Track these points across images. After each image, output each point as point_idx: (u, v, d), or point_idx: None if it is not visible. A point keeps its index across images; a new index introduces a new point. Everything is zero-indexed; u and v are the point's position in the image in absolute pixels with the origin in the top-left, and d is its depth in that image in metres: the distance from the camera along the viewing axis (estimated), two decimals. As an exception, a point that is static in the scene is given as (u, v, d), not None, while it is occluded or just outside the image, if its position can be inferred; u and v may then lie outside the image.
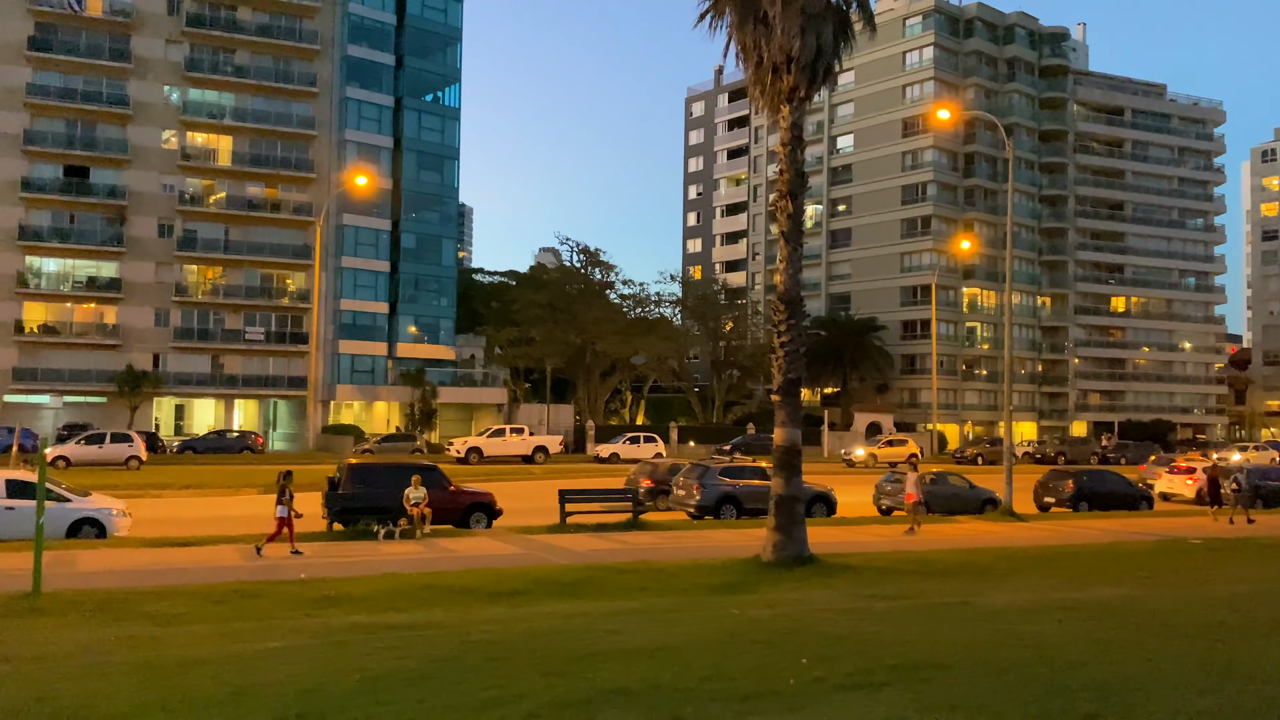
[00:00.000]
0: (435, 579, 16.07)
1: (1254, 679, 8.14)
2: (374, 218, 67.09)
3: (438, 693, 7.82)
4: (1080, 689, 7.67)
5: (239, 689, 8.11)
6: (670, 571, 17.12)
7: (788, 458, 17.93)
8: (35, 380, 59.68)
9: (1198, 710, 7.02)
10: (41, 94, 60.43)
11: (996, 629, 10.95)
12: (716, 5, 18.48)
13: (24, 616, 12.86)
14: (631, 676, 8.21)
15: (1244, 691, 7.64)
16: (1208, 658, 9.04)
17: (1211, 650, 9.49)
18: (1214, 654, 9.25)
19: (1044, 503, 33.99)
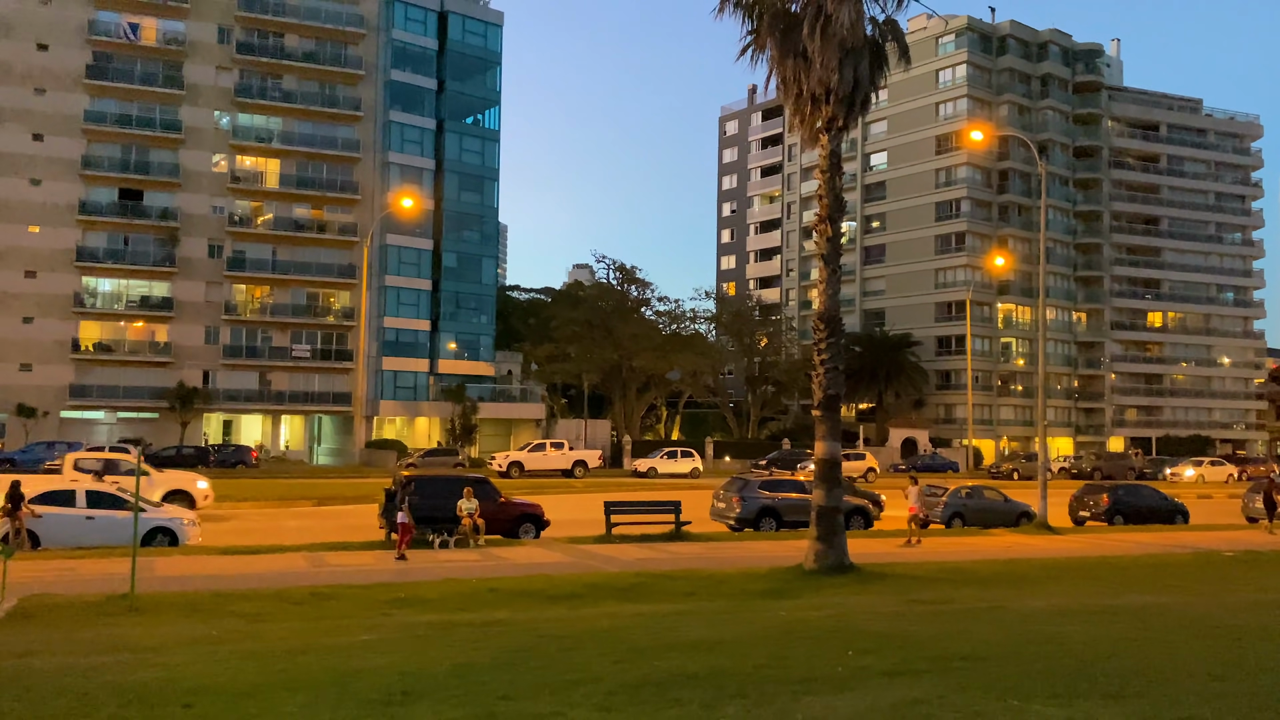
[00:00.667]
0: (496, 584, 17.05)
1: (1261, 670, 8.90)
2: (416, 237, 68.66)
3: (524, 675, 8.77)
4: (1102, 675, 8.48)
5: (344, 672, 9.11)
6: (717, 579, 17.98)
7: (828, 470, 18.76)
8: (90, 397, 61.60)
9: (1207, 693, 7.81)
10: (98, 120, 62.59)
11: (1028, 629, 11.73)
12: (757, 40, 19.45)
13: (125, 615, 13.96)
14: (695, 664, 9.11)
15: (1249, 679, 8.41)
16: (1223, 654, 9.79)
17: (1227, 648, 10.23)
18: (1229, 651, 10.00)
19: (1079, 517, 34.44)
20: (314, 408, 67.14)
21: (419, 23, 69.66)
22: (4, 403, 59.67)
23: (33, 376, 60.88)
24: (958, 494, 32.18)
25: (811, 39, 18.08)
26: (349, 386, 66.61)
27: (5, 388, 59.92)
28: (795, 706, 7.35)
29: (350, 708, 7.64)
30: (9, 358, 60.62)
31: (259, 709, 7.68)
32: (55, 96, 62.15)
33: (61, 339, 61.73)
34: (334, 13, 67.65)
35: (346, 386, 66.79)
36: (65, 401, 61.13)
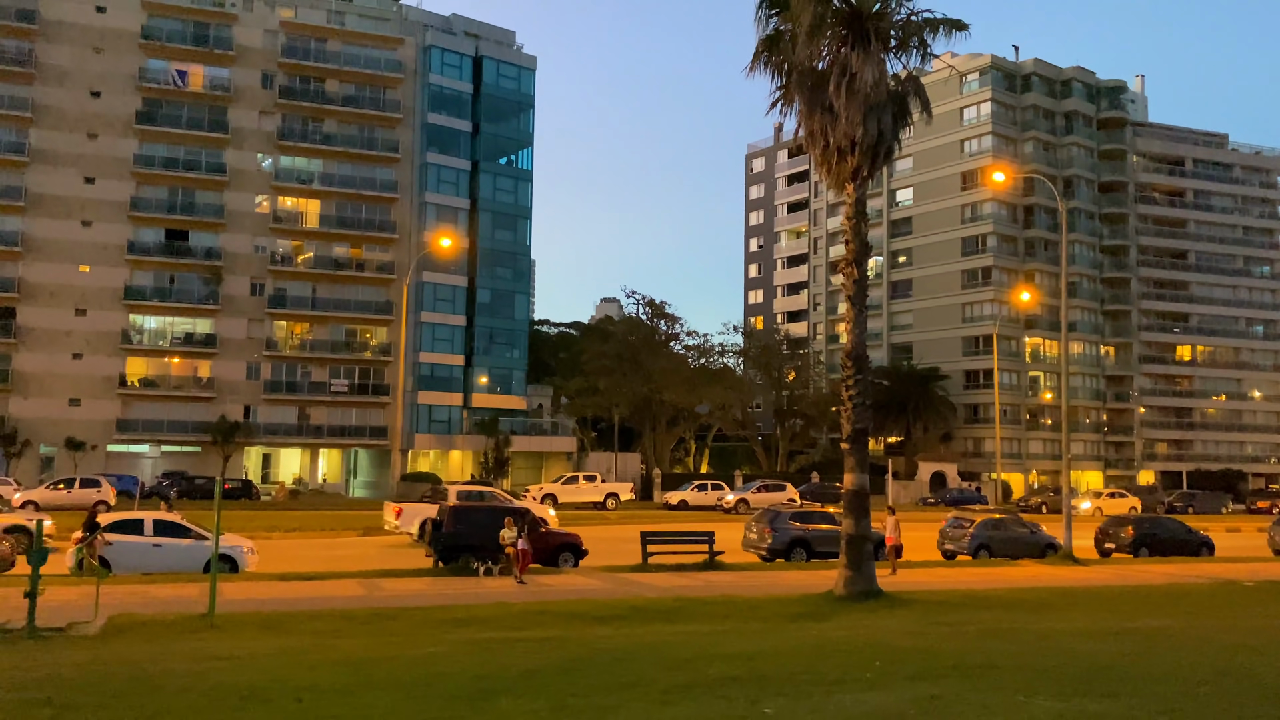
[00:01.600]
0: (544, 606, 18.14)
1: (1246, 678, 9.85)
2: (452, 274, 70.40)
3: (585, 679, 9.87)
4: (1102, 680, 9.46)
5: (425, 675, 10.25)
6: (752, 604, 18.98)
7: (857, 501, 19.77)
8: (136, 431, 63.51)
9: (1193, 695, 8.79)
10: (147, 164, 65.01)
11: (1044, 645, 12.69)
12: (786, 95, 20.73)
13: (207, 630, 15.18)
14: (738, 670, 10.18)
15: (1233, 685, 9.37)
16: (1216, 665, 10.73)
17: (1222, 661, 11.15)
18: (1222, 663, 10.93)
19: (1105, 548, 35.04)
20: (351, 441, 68.73)
21: (455, 68, 71.88)
22: (54, 436, 61.64)
23: (81, 411, 62.88)
24: (984, 525, 32.92)
25: (837, 95, 19.33)
26: (385, 420, 68.15)
27: (55, 422, 61.91)
28: (829, 701, 8.40)
29: (440, 701, 8.77)
30: (59, 393, 62.68)
31: (361, 703, 8.83)
32: (107, 141, 64.64)
33: (109, 374, 63.76)
34: (373, 59, 69.98)
35: (382, 420, 68.34)
36: (112, 435, 63.04)
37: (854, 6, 19.85)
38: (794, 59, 20.13)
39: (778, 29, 20.31)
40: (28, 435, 60.69)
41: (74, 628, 15.25)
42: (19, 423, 60.86)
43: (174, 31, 66.19)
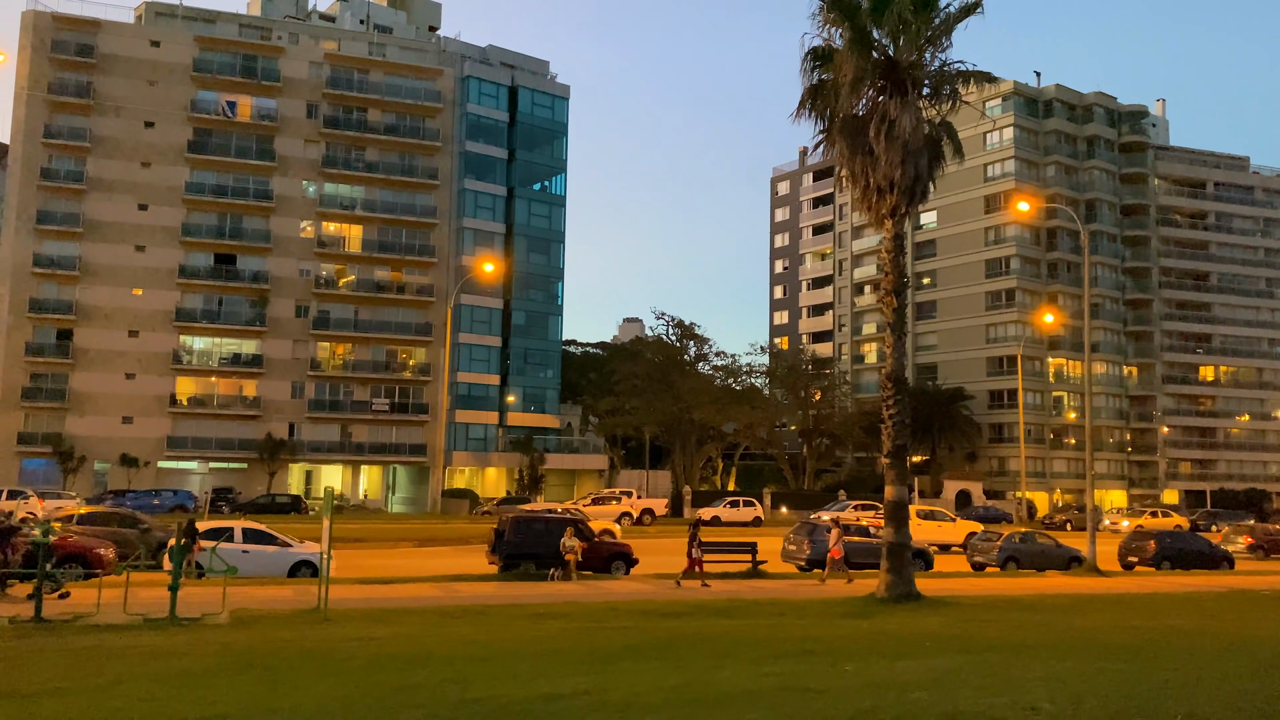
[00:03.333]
0: (613, 604, 19.98)
1: (1247, 654, 11.58)
2: (488, 297, 72.61)
3: (682, 651, 11.71)
4: (1123, 654, 11.22)
5: (545, 649, 12.11)
6: (800, 604, 20.74)
7: (897, 511, 21.52)
8: (186, 448, 65.86)
9: (1200, 661, 10.54)
10: (198, 191, 67.65)
11: (1070, 633, 14.43)
12: (828, 139, 22.66)
13: (321, 623, 17.08)
14: (811, 646, 12.00)
15: (1235, 657, 11.10)
16: (1222, 647, 12.45)
17: (1228, 644, 12.88)
18: (1228, 645, 12.65)
19: (1128, 561, 36.51)
20: (390, 458, 70.86)
21: (491, 97, 74.36)
22: (108, 453, 64.04)
23: (134, 429, 65.28)
24: (1011, 539, 34.54)
25: (877, 140, 21.23)
26: (423, 438, 70.26)
27: (109, 439, 64.31)
28: (895, 665, 10.21)
29: (571, 664, 10.63)
30: (113, 411, 65.14)
31: (504, 666, 10.70)
32: (159, 169, 67.33)
33: (160, 394, 66.19)
34: (413, 89, 72.55)
35: (421, 438, 70.45)
36: (163, 452, 65.40)
37: (892, 59, 21.77)
38: (836, 107, 22.06)
39: (821, 79, 22.26)
40: (84, 452, 63.12)
41: (207, 618, 17.20)
42: (75, 440, 63.31)
43: (224, 64, 68.93)
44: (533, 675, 9.80)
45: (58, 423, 63.95)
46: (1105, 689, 8.40)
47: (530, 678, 9.51)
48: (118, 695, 8.88)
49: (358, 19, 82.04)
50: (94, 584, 22.68)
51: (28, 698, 8.71)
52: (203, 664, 11.08)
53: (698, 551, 25.89)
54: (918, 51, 21.95)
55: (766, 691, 8.46)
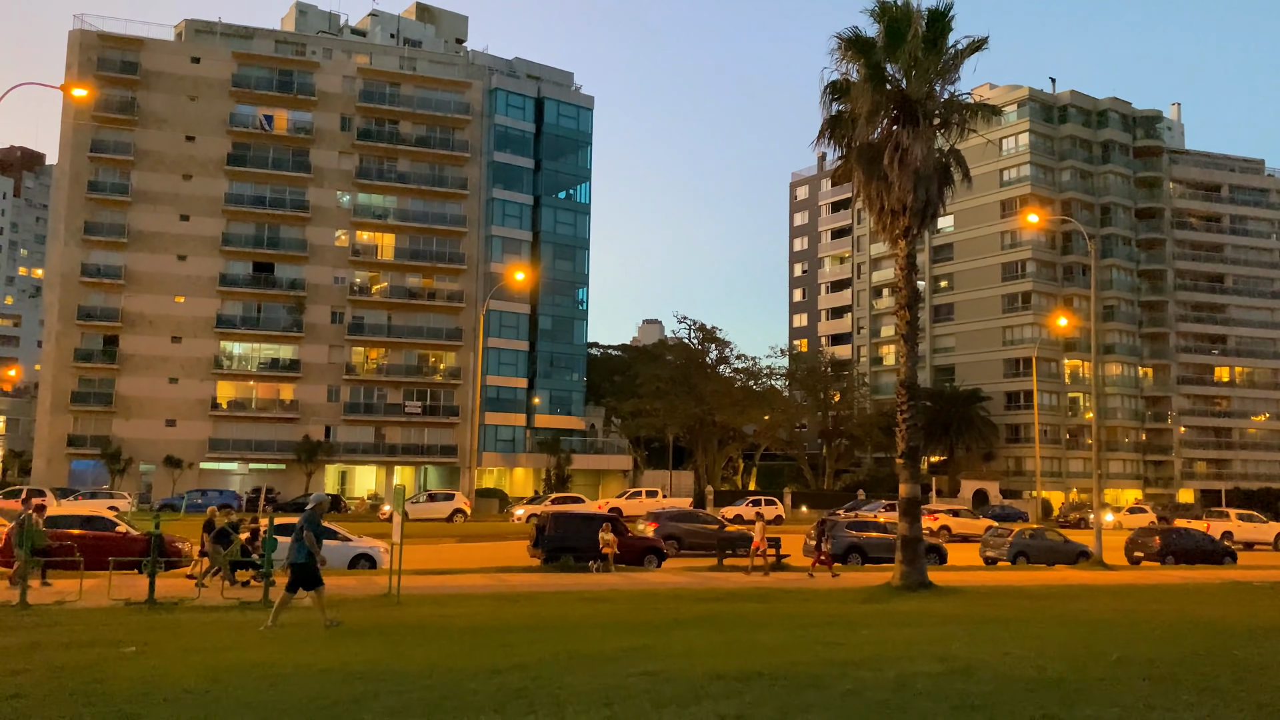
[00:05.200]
0: (651, 591, 22.04)
1: (1212, 626, 13.50)
2: (515, 303, 74.84)
3: (725, 623, 13.74)
4: (1095, 629, 13.16)
5: (606, 621, 14.18)
6: (823, 593, 22.73)
7: (910, 507, 23.46)
8: (226, 450, 68.40)
9: (1167, 630, 12.47)
10: (236, 202, 70.19)
11: (1059, 614, 16.38)
12: (846, 164, 24.64)
13: (395, 606, 19.20)
14: (833, 621, 14.01)
15: (1198, 628, 13.03)
16: (1193, 620, 14.38)
17: (1201, 619, 14.80)
18: (1199, 620, 14.57)
19: (1134, 556, 38.26)
20: (422, 459, 73.19)
21: (518, 109, 76.60)
22: (153, 455, 66.65)
23: (177, 431, 67.87)
24: (1022, 535, 36.38)
25: (891, 167, 23.18)
26: (454, 439, 72.56)
27: (153, 442, 66.92)
28: (903, 631, 12.22)
29: (632, 631, 12.69)
30: (157, 414, 67.75)
31: (579, 631, 12.77)
32: (200, 181, 69.92)
33: (202, 398, 68.77)
34: (443, 102, 74.87)
35: (451, 439, 72.75)
36: (205, 454, 67.96)
37: (905, 92, 23.73)
38: (853, 136, 24.04)
39: (839, 111, 24.23)
40: (130, 454, 65.75)
41: (294, 602, 19.34)
42: (122, 442, 65.96)
43: (261, 79, 71.46)
44: (602, 637, 11.83)
45: (105, 426, 66.60)
46: (1069, 643, 10.25)
47: (601, 638, 11.53)
48: (272, 650, 10.97)
49: (388, 33, 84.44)
50: (176, 574, 25.02)
51: (213, 651, 10.83)
52: (317, 636, 13.21)
53: (827, 545, 28.86)
54: (928, 85, 23.88)
55: (798, 644, 10.40)
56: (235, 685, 8.39)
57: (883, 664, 8.61)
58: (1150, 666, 8.79)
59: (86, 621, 14.99)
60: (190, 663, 9.87)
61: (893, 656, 9.18)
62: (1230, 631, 12.64)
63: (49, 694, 8.19)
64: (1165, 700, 7.02)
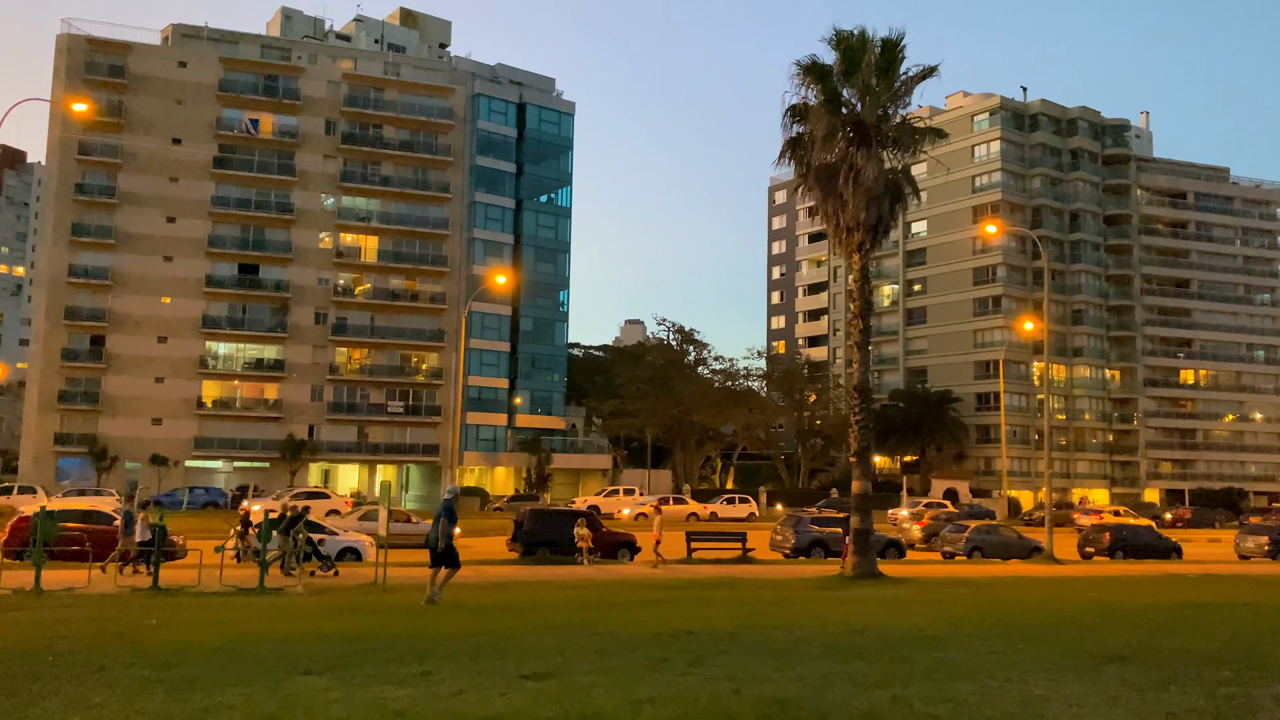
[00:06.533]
0: (623, 580, 23.66)
1: (1120, 609, 15.25)
2: (497, 305, 76.29)
3: (679, 605, 15.39)
4: (1008, 609, 14.88)
5: (571, 603, 15.80)
6: (781, 581, 24.42)
7: (862, 502, 25.18)
8: (211, 448, 69.58)
9: (1071, 610, 14.18)
10: (222, 204, 71.34)
11: (991, 599, 18.13)
12: (805, 183, 26.34)
13: (384, 593, 20.74)
14: (788, 599, 15.69)
15: (1097, 611, 14.77)
16: (1103, 608, 16.13)
17: (1107, 606, 16.55)
18: (1107, 606, 16.32)
19: (1085, 552, 40.16)
20: (404, 458, 74.54)
21: (501, 114, 78.07)
22: (139, 453, 67.74)
23: (163, 430, 68.99)
24: (978, 531, 38.23)
25: (846, 187, 24.90)
26: (436, 439, 73.96)
27: (140, 440, 68.01)
28: (838, 610, 13.91)
29: (598, 609, 14.32)
30: (143, 413, 68.84)
31: (550, 611, 14.40)
32: (186, 184, 71.04)
33: (188, 397, 69.91)
34: (426, 107, 76.24)
35: (433, 439, 74.14)
36: (190, 452, 69.11)
37: (859, 116, 25.46)
38: (811, 156, 25.76)
39: (799, 133, 25.95)
40: (116, 452, 66.83)
41: (287, 590, 20.90)
42: (108, 440, 67.04)
43: (247, 84, 72.63)
44: (568, 613, 13.47)
45: (92, 424, 67.65)
46: (966, 616, 11.90)
47: (567, 614, 13.13)
48: (279, 623, 12.53)
49: (372, 38, 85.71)
50: (173, 565, 26.48)
51: (227, 624, 12.40)
52: (319, 612, 14.79)
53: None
54: (881, 109, 25.62)
55: (734, 615, 12.00)
56: (254, 646, 9.96)
57: (795, 628, 10.23)
58: (1014, 629, 10.46)
59: (101, 604, 16.51)
60: (209, 632, 11.43)
61: (807, 623, 10.80)
62: (1113, 607, 14.38)
63: (93, 645, 9.75)
64: (1003, 647, 8.68)
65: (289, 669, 8.27)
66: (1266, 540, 42.25)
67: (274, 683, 7.67)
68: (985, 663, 7.96)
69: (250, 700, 7.07)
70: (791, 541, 35.29)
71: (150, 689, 7.57)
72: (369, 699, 7.02)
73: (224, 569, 22.29)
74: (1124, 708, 6.56)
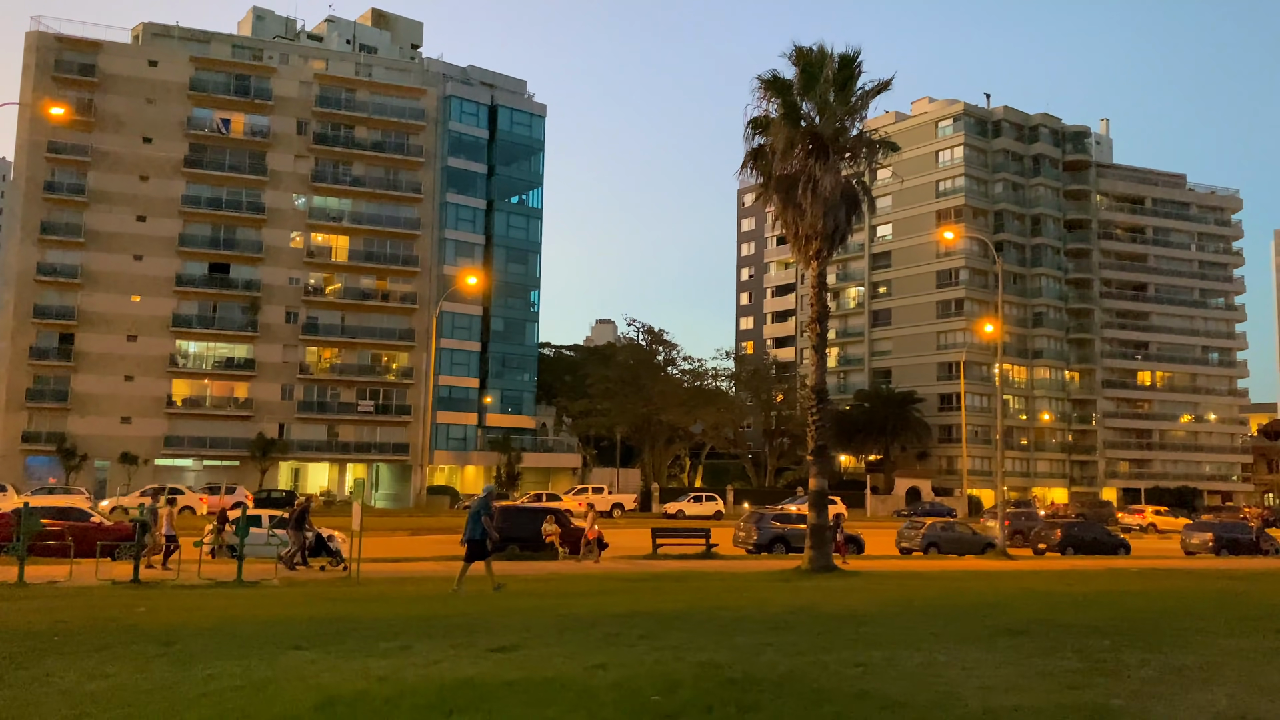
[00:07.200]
0: (586, 574, 24.61)
1: (1029, 597, 16.40)
2: (468, 305, 76.94)
3: (638, 595, 16.38)
4: (937, 595, 15.98)
5: (532, 592, 16.75)
6: (742, 575, 25.40)
7: (819, 499, 26.27)
8: (182, 447, 69.75)
9: (1019, 599, 15.30)
10: (193, 203, 71.51)
11: (947, 589, 19.23)
12: (766, 193, 27.38)
13: (356, 585, 21.56)
14: (742, 588, 16.70)
15: (1037, 597, 15.90)
16: (1035, 595, 17.28)
17: (1035, 594, 17.71)
18: (1035, 594, 17.48)
19: (1038, 548, 41.58)
20: (375, 457, 75.04)
21: (472, 115, 78.72)
22: (108, 452, 67.77)
23: (132, 428, 69.07)
24: (934, 527, 39.53)
25: (804, 197, 25.95)
26: (406, 438, 74.51)
27: (109, 438, 68.05)
28: (788, 597, 14.95)
29: (558, 598, 15.29)
30: (112, 411, 68.90)
31: (515, 597, 15.33)
32: (157, 183, 71.13)
33: (158, 395, 70.03)
34: (398, 108, 76.76)
35: (404, 438, 74.68)
36: (160, 451, 69.23)
37: (817, 129, 26.53)
38: (772, 167, 26.81)
39: (760, 144, 27.00)
40: (85, 450, 66.83)
41: (264, 582, 21.66)
42: (77, 439, 67.04)
43: (219, 83, 72.81)
44: (533, 600, 14.45)
45: (60, 422, 67.62)
46: (897, 599, 12.96)
47: (532, 600, 14.10)
48: (262, 608, 13.38)
49: (344, 39, 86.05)
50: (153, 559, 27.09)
51: (213, 610, 13.19)
52: (298, 600, 15.63)
53: (841, 536, 31.85)
54: (839, 122, 26.71)
55: (688, 600, 12.98)
56: (242, 627, 10.81)
57: (740, 608, 11.23)
58: (935, 611, 11.53)
59: (88, 595, 17.24)
60: (198, 616, 12.26)
61: (752, 605, 11.81)
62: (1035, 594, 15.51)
63: (91, 627, 10.57)
64: (920, 624, 9.72)
65: (279, 645, 9.16)
66: (1210, 536, 43.93)
67: (267, 656, 8.56)
68: (900, 636, 9.00)
69: (247, 670, 7.95)
70: (754, 538, 36.36)
71: (155, 662, 8.44)
72: (354, 668, 7.93)
73: (201, 563, 23.01)
74: (1009, 668, 7.61)
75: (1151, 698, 6.53)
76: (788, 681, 6.89)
